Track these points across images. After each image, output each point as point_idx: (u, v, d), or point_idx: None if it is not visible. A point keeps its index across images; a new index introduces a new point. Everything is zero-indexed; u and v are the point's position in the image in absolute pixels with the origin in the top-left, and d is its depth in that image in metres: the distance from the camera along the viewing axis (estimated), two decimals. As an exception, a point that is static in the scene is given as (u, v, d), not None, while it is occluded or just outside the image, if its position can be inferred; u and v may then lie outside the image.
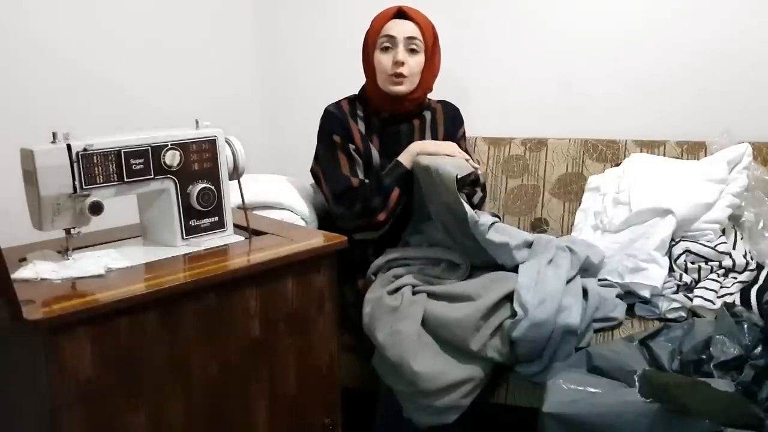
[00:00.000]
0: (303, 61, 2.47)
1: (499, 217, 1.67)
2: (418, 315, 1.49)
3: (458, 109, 1.90)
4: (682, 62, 2.04)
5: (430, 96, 1.84)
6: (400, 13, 1.72)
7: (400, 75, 1.69)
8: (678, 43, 2.03)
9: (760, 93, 1.97)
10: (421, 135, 1.81)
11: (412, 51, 1.70)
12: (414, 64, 1.71)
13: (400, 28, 1.70)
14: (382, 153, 1.76)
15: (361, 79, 1.80)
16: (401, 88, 1.71)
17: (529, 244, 1.61)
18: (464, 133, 1.89)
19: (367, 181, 1.71)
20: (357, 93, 1.83)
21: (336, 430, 1.50)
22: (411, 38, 1.70)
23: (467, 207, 1.48)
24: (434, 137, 1.82)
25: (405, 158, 1.67)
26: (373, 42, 1.73)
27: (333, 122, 1.75)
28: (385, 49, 1.70)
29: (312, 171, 1.78)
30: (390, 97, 1.73)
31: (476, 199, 1.79)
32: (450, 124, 1.86)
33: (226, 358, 1.27)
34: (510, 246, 1.54)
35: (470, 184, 1.68)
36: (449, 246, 1.62)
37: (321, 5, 2.41)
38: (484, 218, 1.53)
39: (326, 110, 1.78)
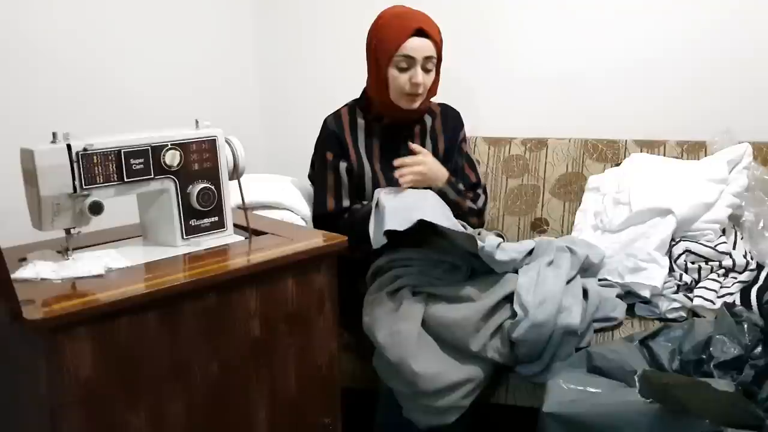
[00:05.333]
0: (303, 61, 2.47)
1: (503, 237, 1.68)
2: (419, 315, 1.49)
3: (458, 112, 1.88)
4: (683, 62, 2.04)
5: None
6: (420, 31, 1.66)
7: (417, 94, 1.69)
8: (678, 43, 2.04)
9: (760, 93, 1.98)
10: (422, 140, 1.80)
11: (427, 68, 1.69)
12: (429, 81, 1.70)
13: (419, 48, 1.65)
14: (382, 159, 1.76)
15: (361, 80, 1.80)
16: (416, 105, 1.71)
17: (531, 252, 1.62)
18: (465, 136, 1.89)
19: (347, 205, 1.71)
20: (358, 98, 1.82)
21: (336, 430, 1.49)
22: (428, 58, 1.67)
23: (482, 248, 1.50)
24: (434, 143, 1.81)
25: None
26: (387, 57, 1.67)
27: (329, 138, 1.74)
28: (403, 69, 1.67)
29: (309, 177, 1.83)
30: (399, 109, 1.73)
31: (480, 203, 1.80)
32: (450, 129, 1.84)
33: (226, 358, 1.27)
34: (518, 260, 1.57)
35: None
36: (450, 249, 1.62)
37: (321, 5, 2.41)
38: (490, 240, 1.55)
39: (324, 123, 1.77)
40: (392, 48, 1.66)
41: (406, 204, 1.50)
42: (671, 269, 1.68)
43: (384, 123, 1.77)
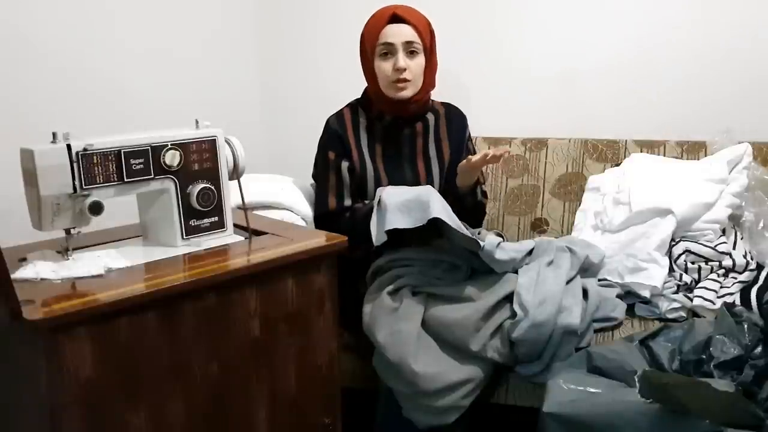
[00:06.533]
0: (303, 61, 2.47)
1: (503, 237, 1.68)
2: (419, 315, 1.49)
3: (462, 112, 1.88)
4: (683, 62, 2.04)
5: (433, 97, 1.84)
6: (395, 17, 1.69)
7: (404, 80, 1.69)
8: (678, 43, 2.03)
9: (760, 93, 1.98)
10: (424, 139, 1.80)
11: (412, 53, 1.69)
12: (415, 66, 1.70)
13: (398, 34, 1.68)
14: (385, 158, 1.76)
15: (361, 79, 1.80)
16: (406, 93, 1.71)
17: (531, 252, 1.62)
18: (470, 135, 1.89)
19: (349, 204, 1.71)
20: (359, 97, 1.82)
21: (336, 430, 1.49)
22: (409, 42, 1.68)
23: (482, 246, 1.51)
24: (437, 141, 1.81)
25: None
26: (371, 49, 1.71)
27: (331, 138, 1.75)
28: (385, 56, 1.69)
29: (312, 177, 1.83)
30: (393, 101, 1.73)
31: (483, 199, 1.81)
32: (456, 129, 1.84)
33: (226, 358, 1.27)
34: (517, 259, 1.57)
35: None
36: (450, 248, 1.62)
37: (321, 5, 2.41)
38: (490, 239, 1.55)
39: (327, 123, 1.78)
40: (373, 39, 1.70)
41: (409, 202, 1.50)
42: (671, 269, 1.68)
43: (386, 121, 1.77)
